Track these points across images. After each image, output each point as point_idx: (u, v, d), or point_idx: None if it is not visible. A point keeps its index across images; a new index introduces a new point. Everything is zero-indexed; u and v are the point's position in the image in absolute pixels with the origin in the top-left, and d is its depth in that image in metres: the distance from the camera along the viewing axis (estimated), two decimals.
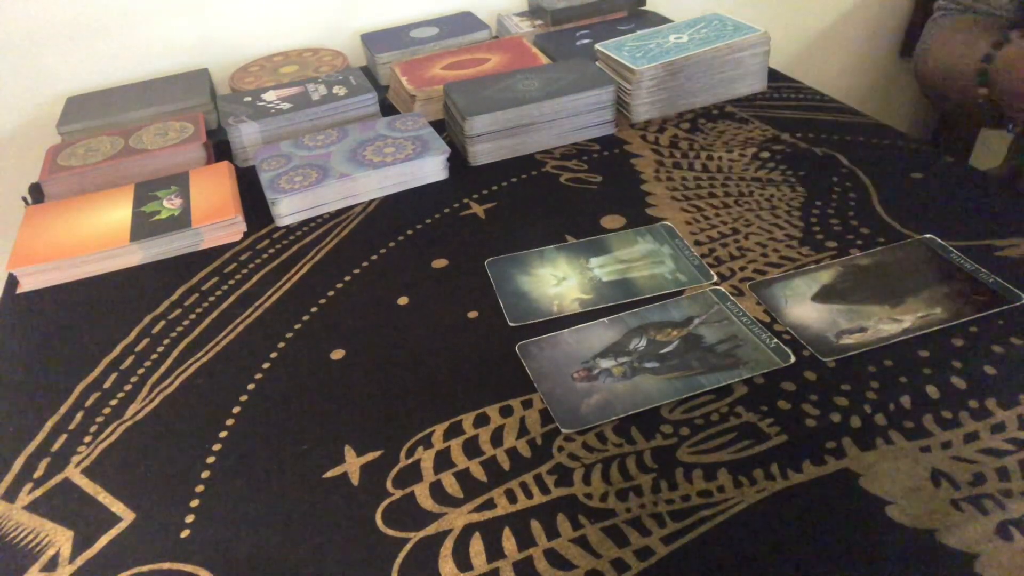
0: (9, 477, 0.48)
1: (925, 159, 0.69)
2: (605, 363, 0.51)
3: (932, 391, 0.46)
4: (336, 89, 0.85)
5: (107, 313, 0.62)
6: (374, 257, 0.65)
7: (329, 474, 0.46)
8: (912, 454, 0.43)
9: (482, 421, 0.48)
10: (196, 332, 0.59)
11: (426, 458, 0.46)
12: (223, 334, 0.58)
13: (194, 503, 0.45)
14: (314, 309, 0.60)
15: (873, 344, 0.50)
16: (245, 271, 0.65)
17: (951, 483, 0.41)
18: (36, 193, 0.80)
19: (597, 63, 0.84)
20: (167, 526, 0.44)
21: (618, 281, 0.58)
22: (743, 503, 0.41)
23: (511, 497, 0.43)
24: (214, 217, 0.68)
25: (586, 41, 0.96)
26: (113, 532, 0.44)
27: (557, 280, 0.59)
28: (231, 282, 0.64)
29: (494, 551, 0.40)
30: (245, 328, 0.58)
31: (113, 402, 0.53)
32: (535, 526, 0.41)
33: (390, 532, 0.42)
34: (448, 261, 0.63)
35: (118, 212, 0.71)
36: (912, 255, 0.58)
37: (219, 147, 0.84)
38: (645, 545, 0.40)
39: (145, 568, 0.42)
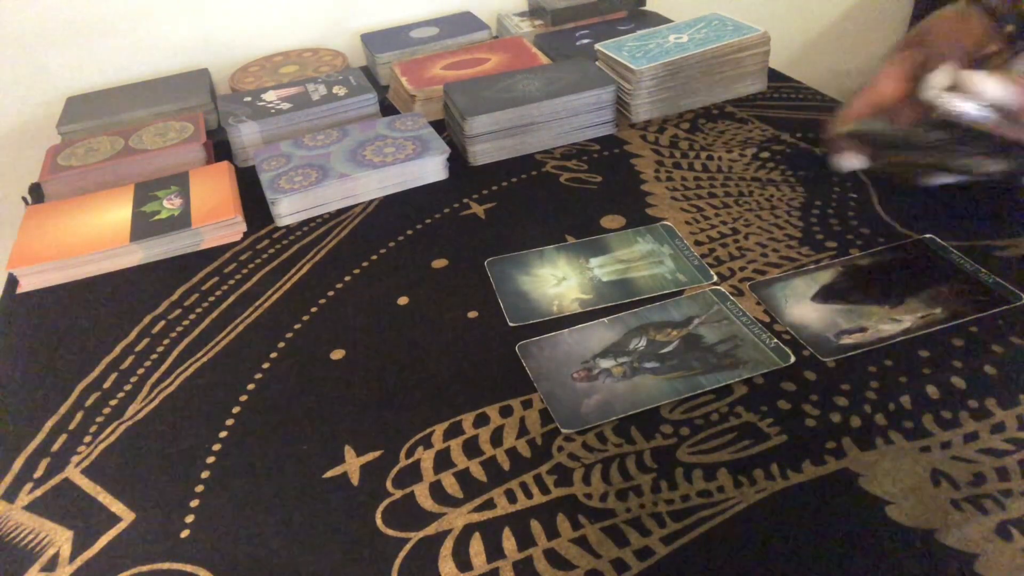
0: (9, 477, 0.48)
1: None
2: (605, 363, 0.51)
3: (932, 391, 0.46)
4: (336, 89, 0.85)
5: (107, 313, 0.62)
6: (374, 257, 0.65)
7: (329, 474, 0.46)
8: (912, 454, 0.43)
9: (482, 421, 0.48)
10: (196, 332, 0.59)
11: (426, 458, 0.46)
12: (223, 334, 0.58)
13: (194, 503, 0.45)
14: (314, 309, 0.60)
15: (873, 344, 0.50)
16: (245, 271, 0.65)
17: (951, 483, 0.41)
18: (36, 193, 0.80)
19: (597, 63, 0.84)
20: (167, 526, 0.44)
21: (618, 281, 0.58)
22: (743, 503, 0.41)
23: (511, 497, 0.43)
24: (214, 217, 0.69)
25: (586, 41, 0.96)
26: (113, 532, 0.44)
27: (557, 280, 0.59)
28: (231, 282, 0.64)
29: (494, 551, 0.40)
30: (245, 328, 0.58)
31: (113, 402, 0.53)
32: (535, 526, 0.41)
33: (390, 532, 0.42)
34: (448, 261, 0.63)
35: (118, 212, 0.71)
36: (912, 255, 0.58)
37: (219, 147, 0.84)
38: (645, 545, 0.40)
39: (145, 568, 0.42)
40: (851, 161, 0.61)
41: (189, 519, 0.44)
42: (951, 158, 0.55)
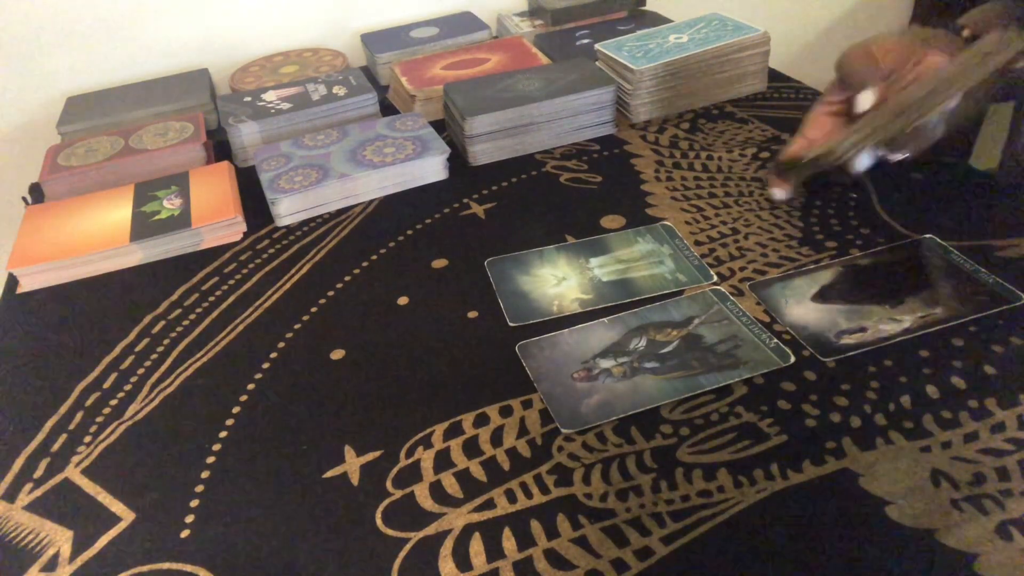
0: (9, 477, 0.48)
1: (925, 159, 0.69)
2: (605, 363, 0.51)
3: (932, 391, 0.46)
4: (336, 89, 0.85)
5: (107, 313, 0.62)
6: (374, 257, 0.65)
7: (329, 474, 0.46)
8: (912, 454, 0.43)
9: (482, 421, 0.48)
10: (196, 332, 0.59)
11: (426, 458, 0.46)
12: (223, 334, 0.58)
13: (194, 503, 0.45)
14: (314, 309, 0.60)
15: (873, 344, 0.50)
16: (245, 271, 0.65)
17: (951, 483, 0.41)
18: (36, 193, 0.80)
19: (597, 63, 0.84)
20: (167, 526, 0.44)
21: (618, 281, 0.58)
22: (743, 503, 0.41)
23: (511, 497, 0.43)
24: (214, 217, 0.68)
25: (586, 41, 0.96)
26: (113, 532, 0.44)
27: (557, 280, 0.59)
28: (231, 282, 0.64)
29: (494, 551, 0.40)
30: (245, 328, 0.58)
31: (113, 402, 0.53)
32: (535, 526, 0.41)
33: (390, 532, 0.42)
34: (448, 261, 0.63)
35: (118, 212, 0.71)
36: (912, 255, 0.58)
37: (219, 147, 0.84)
38: (645, 545, 0.40)
39: (145, 568, 0.42)
40: (779, 193, 0.66)
41: (189, 519, 0.44)
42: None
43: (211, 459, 0.48)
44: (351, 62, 1.01)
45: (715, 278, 0.58)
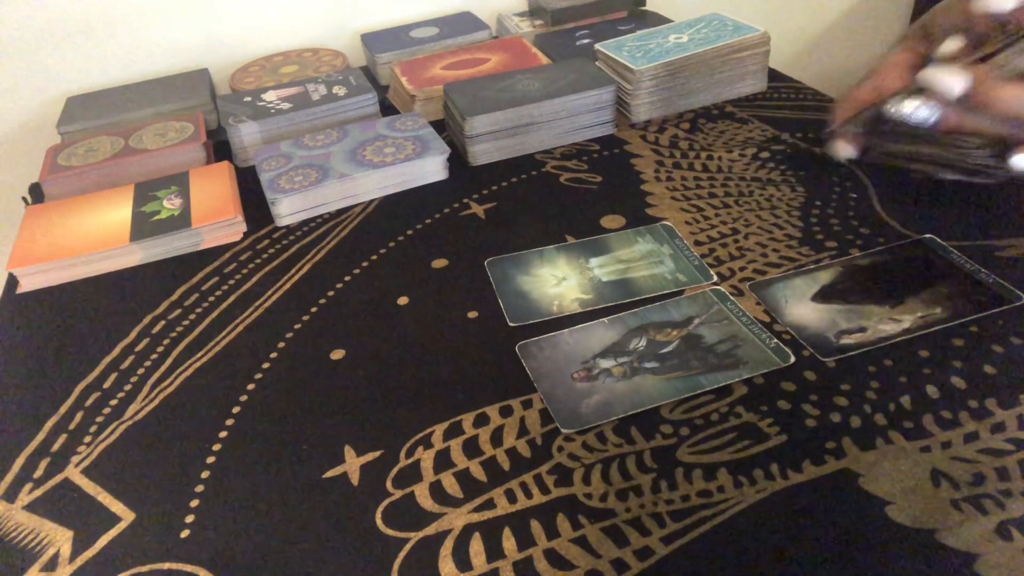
0: (9, 477, 0.48)
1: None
2: (605, 363, 0.51)
3: (932, 391, 0.46)
4: (336, 89, 0.85)
5: (107, 313, 0.62)
6: (374, 257, 0.65)
7: (329, 474, 0.46)
8: (912, 454, 0.43)
9: (482, 421, 0.48)
10: (196, 332, 0.59)
11: (426, 458, 0.46)
12: (223, 334, 0.58)
13: (194, 503, 0.45)
14: (314, 309, 0.60)
15: (873, 344, 0.50)
16: (245, 271, 0.65)
17: (951, 483, 0.41)
18: (36, 193, 0.80)
19: (597, 63, 0.84)
20: (167, 526, 0.44)
21: (618, 281, 0.58)
22: (743, 503, 0.41)
23: (511, 497, 0.43)
24: (214, 217, 0.69)
25: (586, 41, 0.96)
26: (113, 532, 0.44)
27: (557, 280, 0.59)
28: (231, 282, 0.64)
29: (494, 551, 0.40)
30: (245, 328, 0.58)
31: (113, 402, 0.53)
32: (535, 526, 0.41)
33: (390, 532, 0.42)
34: (448, 261, 0.63)
35: (118, 212, 0.71)
36: (912, 255, 0.58)
37: (219, 147, 0.84)
38: (645, 545, 0.40)
39: (145, 568, 0.42)
40: (846, 150, 0.63)
41: (189, 519, 0.44)
42: (955, 156, 0.56)
43: (211, 459, 0.48)
44: (351, 62, 1.01)
45: (715, 278, 0.58)
